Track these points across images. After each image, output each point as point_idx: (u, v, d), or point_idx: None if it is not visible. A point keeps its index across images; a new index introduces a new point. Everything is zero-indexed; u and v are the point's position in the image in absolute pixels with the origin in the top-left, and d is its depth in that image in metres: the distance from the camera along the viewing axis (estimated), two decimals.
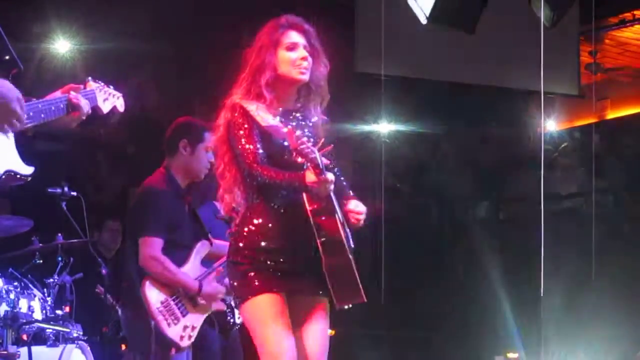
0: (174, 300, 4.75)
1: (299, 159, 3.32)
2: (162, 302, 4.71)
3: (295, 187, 3.45)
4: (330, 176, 3.36)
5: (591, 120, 11.36)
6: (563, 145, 10.42)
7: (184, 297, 4.79)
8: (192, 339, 4.78)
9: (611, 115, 11.32)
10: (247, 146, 3.49)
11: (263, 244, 3.53)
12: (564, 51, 9.29)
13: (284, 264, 3.52)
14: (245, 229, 3.56)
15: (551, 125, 11.09)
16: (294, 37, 3.63)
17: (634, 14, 9.81)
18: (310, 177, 3.36)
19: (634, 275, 8.73)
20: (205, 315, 4.86)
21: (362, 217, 3.68)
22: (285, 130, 3.42)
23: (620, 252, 9.13)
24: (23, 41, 8.00)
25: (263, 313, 3.49)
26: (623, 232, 9.36)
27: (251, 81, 3.61)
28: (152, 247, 4.75)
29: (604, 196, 10.23)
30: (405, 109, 9.80)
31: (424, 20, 8.19)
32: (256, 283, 3.50)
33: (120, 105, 3.79)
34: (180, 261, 4.84)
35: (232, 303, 5.01)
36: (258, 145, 3.49)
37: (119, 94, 3.79)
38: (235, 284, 3.59)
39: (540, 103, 10.86)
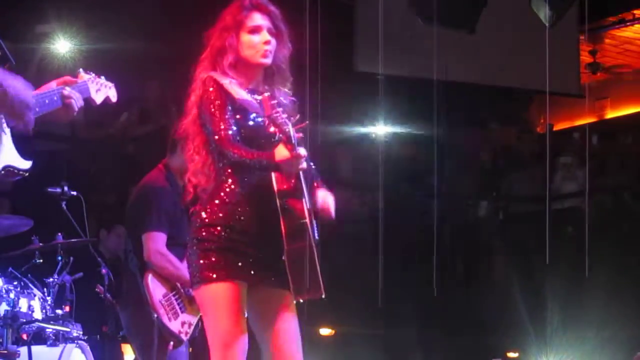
0: (174, 295, 4.79)
1: (272, 129, 3.23)
2: (163, 296, 4.74)
3: (265, 166, 3.33)
4: (302, 151, 3.25)
5: (591, 119, 11.37)
6: (563, 145, 10.42)
7: (183, 293, 4.82)
8: (188, 336, 4.80)
9: (611, 114, 11.33)
10: (219, 124, 3.39)
11: (230, 223, 3.40)
12: (564, 51, 9.28)
13: (249, 249, 3.40)
14: (214, 207, 3.43)
15: (551, 124, 11.09)
16: (258, 19, 3.54)
17: (633, 14, 9.82)
18: (281, 152, 3.25)
19: (633, 275, 8.73)
20: (200, 314, 4.88)
21: (332, 209, 3.57)
22: (259, 98, 3.39)
23: (620, 252, 9.12)
24: (23, 41, 8.00)
25: (219, 301, 3.37)
26: (622, 231, 9.35)
27: (213, 61, 3.54)
28: (157, 241, 4.79)
29: (603, 195, 10.23)
30: (404, 108, 9.79)
31: (423, 20, 8.20)
32: (217, 268, 3.37)
33: (113, 95, 3.74)
34: (177, 259, 4.86)
35: None
36: (231, 122, 3.39)
37: (110, 84, 3.73)
38: (195, 264, 3.44)
39: (539, 102, 10.89)
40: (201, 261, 3.42)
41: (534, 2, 8.31)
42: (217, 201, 3.44)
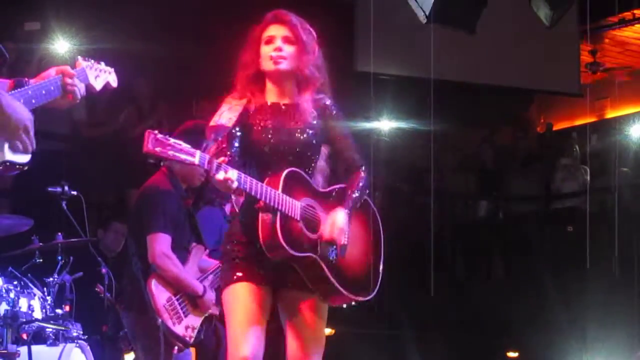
0: (177, 299, 4.78)
1: (162, 163, 3.35)
2: (167, 300, 4.74)
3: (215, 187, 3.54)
4: (220, 175, 3.34)
5: (591, 119, 11.37)
6: (564, 144, 10.42)
7: (186, 297, 4.81)
8: (192, 340, 4.80)
9: (611, 114, 11.33)
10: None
11: (243, 238, 3.60)
12: (564, 50, 9.29)
13: (264, 257, 3.54)
14: (233, 224, 3.69)
15: (552, 124, 11.11)
16: (272, 30, 3.66)
17: (633, 13, 9.83)
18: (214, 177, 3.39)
19: (633, 274, 8.73)
20: (203, 317, 4.88)
21: (335, 234, 3.58)
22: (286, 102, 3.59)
23: (620, 251, 9.12)
24: (23, 41, 8.01)
25: (233, 301, 3.56)
26: (622, 231, 9.35)
27: (236, 78, 3.68)
28: (163, 243, 4.78)
29: (604, 195, 10.23)
30: (404, 108, 9.80)
31: (424, 20, 8.20)
32: (233, 272, 3.58)
33: (113, 80, 3.71)
34: (180, 262, 4.86)
35: None
36: (224, 146, 3.51)
37: (110, 69, 3.69)
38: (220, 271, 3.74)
39: (539, 102, 10.90)
40: (222, 269, 3.70)
41: (534, 2, 8.31)
42: (235, 219, 3.69)
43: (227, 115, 3.52)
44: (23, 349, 5.01)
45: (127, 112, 8.87)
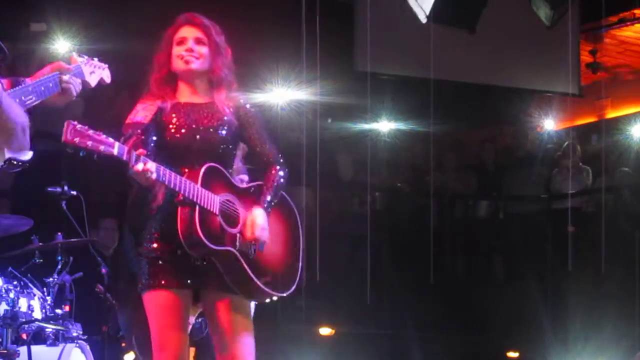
0: None
1: (81, 153, 3.31)
2: None
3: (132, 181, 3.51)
4: (139, 166, 3.35)
5: (591, 119, 11.37)
6: (565, 144, 10.41)
7: None
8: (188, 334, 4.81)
9: (611, 114, 11.33)
10: None
11: (162, 235, 3.59)
12: (565, 50, 9.29)
13: (183, 256, 3.55)
14: (150, 221, 3.64)
15: (552, 124, 11.10)
16: (184, 32, 3.70)
17: (634, 13, 9.83)
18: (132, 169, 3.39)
19: (634, 275, 8.73)
20: (197, 313, 4.89)
21: (257, 233, 3.59)
22: (203, 102, 3.60)
23: (620, 252, 9.12)
24: (23, 42, 8.01)
25: (154, 309, 3.59)
26: (623, 231, 9.35)
27: (150, 80, 3.72)
28: None
29: (601, 194, 10.23)
30: (404, 108, 9.80)
31: (424, 20, 8.21)
32: (152, 278, 3.59)
33: (107, 76, 3.73)
34: None
35: None
36: (142, 137, 3.51)
37: (104, 65, 3.72)
38: (138, 272, 3.68)
39: (539, 102, 10.89)
40: (140, 272, 3.67)
41: (534, 2, 8.32)
42: (151, 217, 3.65)
43: (142, 113, 3.56)
44: (23, 349, 5.02)
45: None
